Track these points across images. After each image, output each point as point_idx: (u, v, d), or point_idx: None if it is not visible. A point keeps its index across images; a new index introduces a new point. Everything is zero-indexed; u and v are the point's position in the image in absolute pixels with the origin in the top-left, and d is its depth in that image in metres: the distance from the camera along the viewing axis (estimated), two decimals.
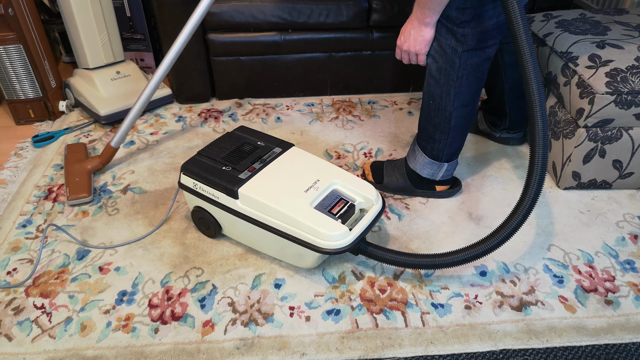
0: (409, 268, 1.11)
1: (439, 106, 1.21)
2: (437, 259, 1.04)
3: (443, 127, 1.23)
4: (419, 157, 1.32)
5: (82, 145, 1.56)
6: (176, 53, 1.35)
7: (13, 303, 1.08)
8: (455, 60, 1.12)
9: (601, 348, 0.98)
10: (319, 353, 0.97)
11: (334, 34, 1.73)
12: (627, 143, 1.29)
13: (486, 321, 1.03)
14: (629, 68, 1.22)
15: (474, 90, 1.19)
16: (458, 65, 1.13)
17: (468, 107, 1.21)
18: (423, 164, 1.31)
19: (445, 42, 1.11)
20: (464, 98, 1.18)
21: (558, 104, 1.38)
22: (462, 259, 1.02)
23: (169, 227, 1.28)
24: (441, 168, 1.31)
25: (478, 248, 1.02)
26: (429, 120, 1.25)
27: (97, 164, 1.45)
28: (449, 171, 1.32)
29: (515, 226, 1.01)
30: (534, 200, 1.00)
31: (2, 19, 1.52)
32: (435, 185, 1.35)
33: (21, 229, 1.28)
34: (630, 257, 1.18)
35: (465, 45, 1.10)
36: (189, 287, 1.11)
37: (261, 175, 1.12)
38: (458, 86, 1.16)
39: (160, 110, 1.82)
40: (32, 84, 1.68)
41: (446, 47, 1.12)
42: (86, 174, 1.41)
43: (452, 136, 1.25)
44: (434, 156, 1.29)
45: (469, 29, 1.08)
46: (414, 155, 1.33)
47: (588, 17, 1.48)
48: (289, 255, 1.13)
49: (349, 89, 1.89)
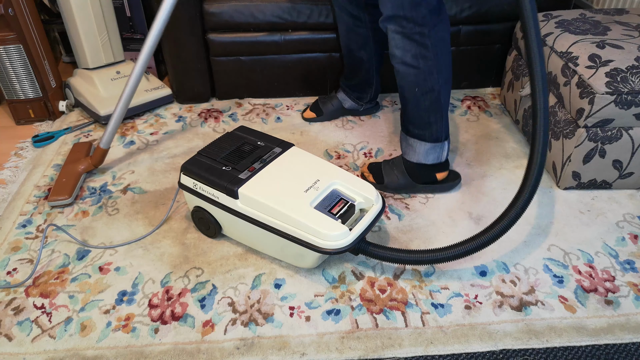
0: (409, 264, 1.11)
1: (426, 89, 1.22)
2: (437, 253, 1.04)
3: (435, 107, 1.25)
4: (418, 148, 1.32)
5: (86, 145, 1.55)
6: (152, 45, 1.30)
7: (13, 303, 1.08)
8: (427, 42, 1.16)
9: (601, 348, 0.98)
10: (319, 353, 0.97)
11: (334, 34, 1.73)
12: (627, 143, 1.29)
13: (486, 321, 1.03)
14: (629, 68, 1.22)
15: (449, 63, 1.23)
16: (430, 45, 1.16)
17: (448, 83, 1.25)
18: (426, 152, 1.31)
19: (410, 31, 1.15)
20: (445, 73, 1.22)
21: (558, 104, 1.38)
22: (462, 252, 1.03)
23: (169, 227, 1.28)
24: (443, 148, 1.32)
25: (477, 240, 1.03)
26: (419, 108, 1.26)
27: (88, 166, 1.44)
28: (449, 148, 1.36)
29: (514, 217, 1.02)
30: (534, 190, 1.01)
31: (2, 19, 1.52)
32: (436, 174, 1.36)
33: (21, 229, 1.28)
34: (630, 257, 1.18)
35: (428, 25, 1.14)
36: (189, 287, 1.11)
37: (261, 175, 1.12)
38: (437, 64, 1.19)
39: (160, 110, 1.82)
40: (32, 84, 1.68)
41: (413, 35, 1.15)
42: (75, 175, 1.40)
43: (445, 113, 1.27)
44: (435, 139, 1.30)
45: (423, 8, 1.12)
46: (412, 148, 1.33)
47: (588, 17, 1.48)
48: (289, 255, 1.13)
49: None
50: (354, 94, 1.69)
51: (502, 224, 1.02)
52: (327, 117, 1.73)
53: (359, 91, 1.68)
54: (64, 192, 1.34)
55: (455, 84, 1.91)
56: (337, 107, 1.72)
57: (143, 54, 1.29)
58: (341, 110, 1.74)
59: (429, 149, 1.31)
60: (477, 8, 1.71)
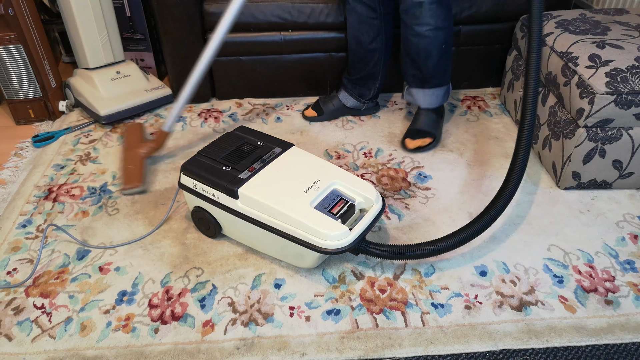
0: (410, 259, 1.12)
1: (450, 41, 1.47)
2: (435, 245, 1.06)
3: (450, 54, 1.52)
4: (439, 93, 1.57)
5: (139, 126, 1.57)
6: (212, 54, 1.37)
7: (13, 303, 1.08)
8: (450, 3, 1.42)
9: (601, 348, 0.98)
10: (319, 353, 0.97)
11: (334, 33, 1.73)
12: (627, 143, 1.29)
13: (486, 321, 1.03)
14: (629, 68, 1.22)
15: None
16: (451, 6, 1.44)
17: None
18: (445, 93, 1.59)
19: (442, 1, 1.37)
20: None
21: (558, 104, 1.38)
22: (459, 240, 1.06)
23: (169, 227, 1.28)
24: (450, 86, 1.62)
25: (473, 227, 1.07)
26: (442, 61, 1.49)
27: (151, 150, 1.45)
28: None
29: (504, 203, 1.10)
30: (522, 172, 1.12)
31: (2, 19, 1.52)
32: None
33: (21, 229, 1.28)
34: (630, 257, 1.18)
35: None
36: (189, 287, 1.11)
37: (261, 175, 1.12)
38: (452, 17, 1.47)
39: (160, 110, 1.82)
40: (32, 84, 1.68)
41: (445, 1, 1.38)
42: (140, 160, 1.40)
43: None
44: (449, 81, 1.59)
45: None
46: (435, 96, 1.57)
47: (588, 17, 1.48)
48: (289, 255, 1.13)
49: None
50: (356, 91, 1.70)
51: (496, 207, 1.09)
52: (328, 117, 1.73)
53: (362, 86, 1.69)
54: (134, 180, 1.36)
55: (455, 84, 1.91)
56: (337, 106, 1.73)
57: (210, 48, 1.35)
58: (342, 109, 1.74)
59: (446, 89, 1.58)
60: (477, 8, 1.71)
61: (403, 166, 1.50)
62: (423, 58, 1.47)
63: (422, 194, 1.39)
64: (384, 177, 1.46)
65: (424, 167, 1.50)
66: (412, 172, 1.48)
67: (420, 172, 1.48)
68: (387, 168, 1.50)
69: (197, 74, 1.36)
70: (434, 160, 1.53)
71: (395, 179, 1.45)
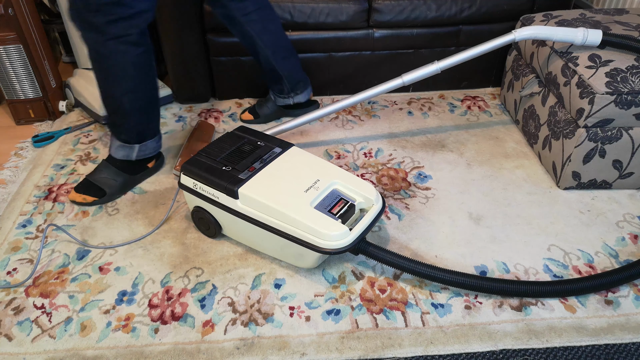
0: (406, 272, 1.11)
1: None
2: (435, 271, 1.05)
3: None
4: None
5: (211, 127, 1.63)
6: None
7: (13, 303, 1.08)
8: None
9: (601, 348, 0.98)
10: (319, 353, 0.97)
11: (334, 33, 1.73)
12: (627, 143, 1.29)
13: (486, 321, 1.03)
14: (629, 68, 1.22)
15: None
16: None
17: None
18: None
19: None
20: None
21: (558, 104, 1.38)
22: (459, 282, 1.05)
23: (169, 227, 1.28)
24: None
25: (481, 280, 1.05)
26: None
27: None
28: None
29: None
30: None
31: (2, 19, 1.52)
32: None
33: (21, 229, 1.28)
34: (630, 257, 1.18)
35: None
36: (189, 287, 1.11)
37: (261, 175, 1.12)
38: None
39: (161, 110, 1.82)
40: (32, 84, 1.68)
41: None
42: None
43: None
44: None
45: None
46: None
47: (588, 17, 1.48)
48: (289, 255, 1.13)
49: (349, 89, 1.89)
50: (276, 88, 1.68)
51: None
52: (264, 120, 1.73)
53: (275, 83, 1.66)
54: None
55: (456, 84, 1.91)
56: (272, 108, 1.73)
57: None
58: (277, 110, 1.74)
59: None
60: (477, 8, 1.71)
61: (403, 166, 1.50)
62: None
63: (422, 194, 1.39)
64: (384, 177, 1.46)
65: (424, 167, 1.50)
66: (412, 172, 1.48)
67: (420, 172, 1.48)
68: (387, 168, 1.50)
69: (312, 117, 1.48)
70: (434, 160, 1.53)
71: (395, 179, 1.45)
